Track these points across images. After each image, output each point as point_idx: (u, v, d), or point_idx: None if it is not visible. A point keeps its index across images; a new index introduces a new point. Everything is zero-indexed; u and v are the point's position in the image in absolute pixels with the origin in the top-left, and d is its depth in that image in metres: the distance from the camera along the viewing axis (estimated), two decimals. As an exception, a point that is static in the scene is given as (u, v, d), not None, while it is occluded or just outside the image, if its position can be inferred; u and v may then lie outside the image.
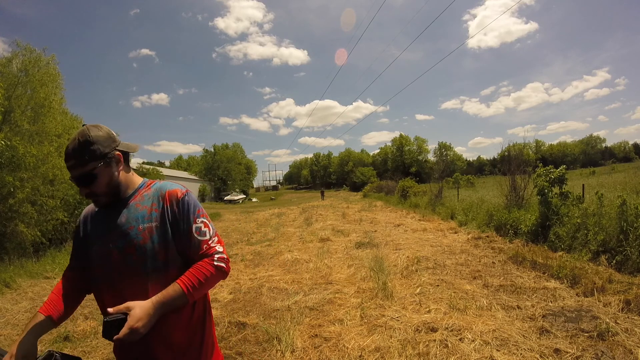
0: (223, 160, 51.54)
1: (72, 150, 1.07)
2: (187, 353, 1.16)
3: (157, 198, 1.16)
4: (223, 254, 1.17)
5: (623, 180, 12.62)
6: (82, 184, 1.09)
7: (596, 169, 40.89)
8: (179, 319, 1.14)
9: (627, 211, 5.02)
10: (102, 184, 1.11)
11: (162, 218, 1.13)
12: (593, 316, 3.27)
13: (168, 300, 1.05)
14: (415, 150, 66.40)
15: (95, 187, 1.10)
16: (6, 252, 7.11)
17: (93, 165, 1.08)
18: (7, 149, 6.69)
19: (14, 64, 8.49)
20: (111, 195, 1.14)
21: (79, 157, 1.07)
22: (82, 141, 1.07)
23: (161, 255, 1.11)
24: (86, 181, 1.09)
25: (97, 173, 1.09)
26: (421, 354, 2.79)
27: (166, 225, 1.12)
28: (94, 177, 1.09)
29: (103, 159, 1.10)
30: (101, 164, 1.09)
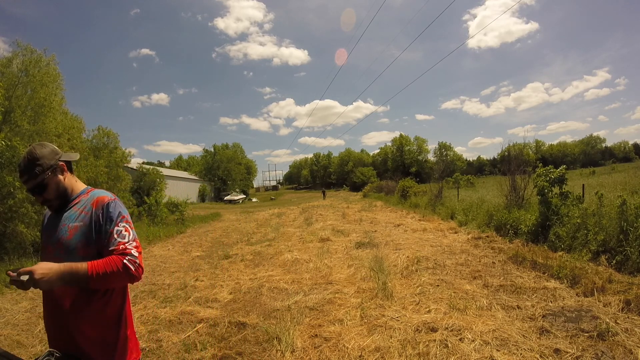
0: (223, 160, 51.52)
1: (24, 167, 1.29)
2: (103, 346, 1.28)
3: (89, 202, 1.33)
4: (136, 258, 1.26)
5: (623, 180, 12.63)
6: (36, 194, 1.31)
7: (596, 169, 40.89)
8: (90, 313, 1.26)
9: (627, 211, 5.02)
10: (52, 190, 1.33)
11: (89, 220, 1.29)
12: (593, 316, 3.27)
13: (71, 271, 1.16)
14: (415, 150, 66.40)
15: (47, 194, 1.32)
16: (6, 252, 7.11)
17: (42, 177, 1.29)
18: (7, 149, 6.70)
19: (15, 64, 8.51)
20: (61, 199, 1.35)
21: (30, 172, 1.28)
22: (31, 159, 1.29)
23: (80, 252, 1.25)
24: (39, 191, 1.31)
25: (47, 182, 1.31)
26: (421, 354, 2.79)
27: (91, 226, 1.28)
28: (45, 186, 1.31)
29: (50, 169, 1.32)
30: (49, 174, 1.31)
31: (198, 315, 3.94)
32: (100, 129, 12.60)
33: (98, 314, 1.27)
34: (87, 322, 1.25)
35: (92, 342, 1.26)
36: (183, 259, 7.47)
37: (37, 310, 4.37)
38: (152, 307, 4.30)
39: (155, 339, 3.39)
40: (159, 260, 7.40)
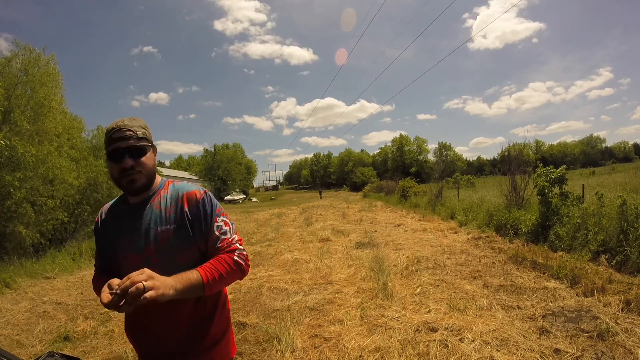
0: (223, 160, 51.53)
1: (130, 123, 1.11)
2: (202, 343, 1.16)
3: (175, 200, 1.15)
4: (244, 251, 1.18)
5: (623, 180, 12.62)
6: (132, 155, 1.09)
7: (596, 169, 40.88)
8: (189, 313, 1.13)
9: (627, 211, 5.02)
10: (148, 163, 1.13)
11: (181, 220, 1.12)
12: (593, 316, 3.27)
13: (188, 284, 1.02)
14: (415, 150, 66.41)
15: (141, 161, 1.11)
16: (6, 252, 7.11)
17: (145, 143, 1.12)
18: (7, 148, 6.69)
19: (14, 64, 8.49)
20: (148, 179, 1.14)
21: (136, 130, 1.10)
22: (139, 121, 1.13)
23: (178, 258, 1.10)
24: (137, 153, 1.10)
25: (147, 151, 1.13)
26: (421, 354, 2.79)
27: (186, 227, 1.12)
28: (145, 152, 1.12)
29: (151, 144, 1.16)
30: (150, 147, 1.15)
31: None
32: (100, 129, 12.57)
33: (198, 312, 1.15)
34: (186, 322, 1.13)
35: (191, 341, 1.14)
36: (183, 259, 7.46)
37: (37, 310, 4.37)
38: (152, 307, 4.30)
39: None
40: (159, 260, 7.39)
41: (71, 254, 7.51)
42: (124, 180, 1.10)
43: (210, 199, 1.18)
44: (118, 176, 1.10)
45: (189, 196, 1.15)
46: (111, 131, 1.09)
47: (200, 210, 1.14)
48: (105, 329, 3.70)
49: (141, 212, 1.14)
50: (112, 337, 3.50)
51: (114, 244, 1.15)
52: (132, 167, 1.08)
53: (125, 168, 1.08)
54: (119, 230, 1.15)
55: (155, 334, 1.13)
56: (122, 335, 3.50)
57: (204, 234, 1.13)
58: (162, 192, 1.18)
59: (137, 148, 1.10)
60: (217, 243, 1.14)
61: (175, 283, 0.98)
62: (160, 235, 1.10)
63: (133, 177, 1.10)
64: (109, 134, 1.10)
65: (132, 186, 1.11)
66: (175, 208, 1.14)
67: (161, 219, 1.12)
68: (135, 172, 1.10)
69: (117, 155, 1.09)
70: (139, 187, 1.12)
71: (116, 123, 1.10)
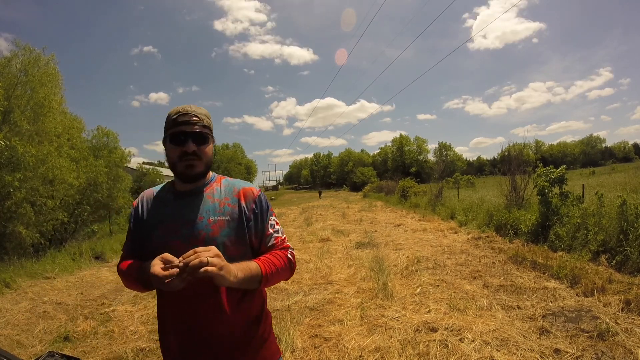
0: (223, 161, 51.53)
1: (196, 109, 1.11)
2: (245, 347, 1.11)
3: (231, 194, 1.14)
4: (293, 250, 1.18)
5: (623, 180, 12.63)
6: (195, 140, 1.08)
7: (596, 169, 40.89)
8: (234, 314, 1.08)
9: (627, 211, 5.02)
10: (209, 151, 1.12)
11: (238, 214, 1.11)
12: (593, 316, 3.27)
13: (246, 277, 0.99)
14: (415, 150, 66.39)
15: (203, 148, 1.10)
16: (6, 252, 7.11)
17: (208, 131, 1.12)
18: (7, 148, 6.69)
19: (14, 64, 8.49)
20: (206, 168, 1.13)
21: (203, 117, 1.10)
22: (204, 110, 1.14)
23: (228, 250, 1.05)
24: (200, 140, 1.09)
25: (209, 140, 1.12)
26: (421, 354, 2.79)
27: (242, 221, 1.10)
28: (208, 139, 1.11)
29: (212, 135, 1.15)
30: (211, 137, 1.14)
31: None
32: (100, 129, 12.58)
33: (243, 314, 1.10)
34: (231, 324, 1.08)
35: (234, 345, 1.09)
36: (183, 259, 7.46)
37: (37, 310, 4.37)
38: (152, 307, 4.30)
39: (155, 339, 3.38)
40: (159, 260, 7.39)
41: (71, 254, 7.51)
42: (182, 164, 1.09)
43: (265, 197, 1.18)
44: (177, 159, 1.09)
45: (245, 191, 1.15)
46: (176, 114, 1.09)
47: (257, 206, 1.14)
48: (105, 329, 3.70)
49: (191, 200, 1.12)
50: (112, 337, 3.50)
51: (154, 229, 1.11)
52: (193, 152, 1.07)
53: (187, 152, 1.07)
54: (163, 216, 1.12)
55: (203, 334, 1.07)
56: (122, 335, 3.50)
57: (259, 230, 1.13)
58: (215, 184, 1.17)
59: (201, 135, 1.09)
60: (270, 240, 1.14)
61: (237, 271, 0.97)
62: (212, 226, 1.07)
63: (192, 163, 1.09)
64: (173, 117, 1.09)
65: (189, 171, 1.09)
66: (231, 201, 1.12)
67: (214, 209, 1.10)
68: (195, 157, 1.08)
69: (180, 138, 1.08)
70: (196, 173, 1.10)
71: (182, 107, 1.10)
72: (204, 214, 1.09)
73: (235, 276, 0.95)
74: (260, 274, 1.03)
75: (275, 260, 1.09)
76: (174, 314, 1.10)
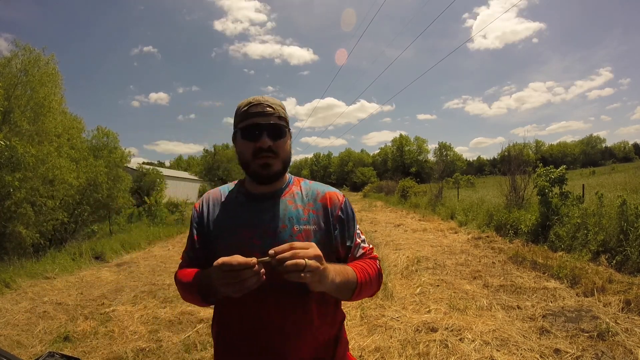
0: (223, 161, 51.45)
1: (271, 100, 0.98)
2: None
3: (314, 199, 1.01)
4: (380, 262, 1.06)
5: (623, 180, 12.63)
6: (270, 134, 0.93)
7: (596, 169, 40.91)
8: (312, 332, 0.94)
9: (627, 211, 5.02)
10: (286, 147, 0.98)
11: (325, 222, 0.98)
12: (593, 316, 3.27)
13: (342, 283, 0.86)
14: (415, 150, 66.44)
15: (280, 144, 0.95)
16: (6, 252, 7.11)
17: (284, 124, 0.98)
18: (7, 148, 6.69)
19: (14, 64, 8.48)
20: (282, 167, 0.98)
21: (278, 108, 0.97)
22: (280, 102, 1.00)
23: None
24: (277, 133, 0.95)
25: (286, 134, 0.98)
26: (421, 354, 2.79)
27: (329, 230, 0.97)
28: (285, 133, 0.97)
29: (289, 128, 1.01)
30: (288, 131, 1.00)
31: (198, 316, 3.94)
32: (100, 129, 12.57)
33: (320, 333, 0.96)
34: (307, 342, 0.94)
35: None
36: (183, 259, 7.47)
37: (37, 310, 4.36)
38: (152, 307, 4.30)
39: (155, 339, 3.39)
40: (159, 260, 7.40)
41: (71, 254, 7.51)
42: (257, 162, 0.94)
43: (349, 203, 1.06)
44: (250, 157, 0.95)
45: (331, 196, 1.02)
46: (247, 105, 0.96)
47: (343, 213, 1.01)
48: (105, 329, 3.70)
49: (269, 205, 0.98)
50: (112, 337, 3.50)
51: (224, 237, 0.97)
52: (269, 147, 0.93)
53: (262, 148, 0.92)
54: (235, 222, 0.97)
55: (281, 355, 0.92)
56: (122, 335, 3.50)
57: (346, 240, 1.00)
58: (294, 188, 1.03)
59: (277, 128, 0.94)
60: (358, 251, 1.02)
61: (335, 275, 0.83)
62: (297, 236, 0.93)
63: (268, 161, 0.94)
64: (244, 108, 0.96)
65: (265, 171, 0.95)
66: (315, 207, 0.99)
67: (298, 217, 0.96)
68: (271, 154, 0.94)
69: (253, 132, 0.93)
70: (273, 173, 0.95)
71: (254, 98, 0.97)
72: (287, 222, 0.95)
73: (332, 281, 0.81)
74: (355, 281, 0.89)
75: (368, 269, 0.96)
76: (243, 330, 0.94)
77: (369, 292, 0.97)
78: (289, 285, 0.80)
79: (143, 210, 14.26)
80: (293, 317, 0.92)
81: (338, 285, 0.84)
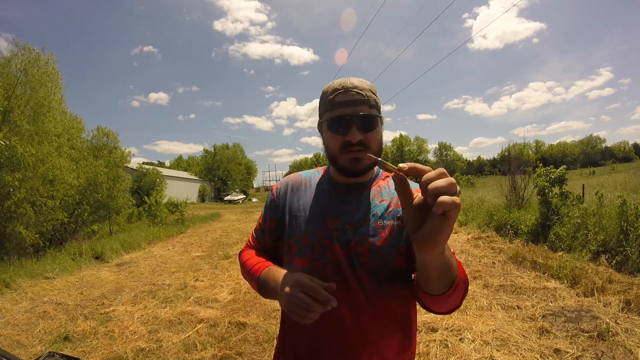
0: (223, 161, 51.53)
1: (360, 85, 0.86)
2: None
3: None
4: None
5: (623, 180, 12.62)
6: (361, 126, 0.84)
7: (596, 169, 40.86)
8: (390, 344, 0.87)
9: (627, 211, 5.02)
10: (378, 138, 0.87)
11: None
12: (593, 316, 3.27)
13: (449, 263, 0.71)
14: (416, 150, 66.39)
15: (371, 136, 0.85)
16: (6, 252, 7.11)
17: (376, 112, 0.87)
18: (7, 148, 6.69)
19: (13, 64, 8.49)
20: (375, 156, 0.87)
21: (368, 94, 0.86)
22: (370, 85, 0.88)
23: (400, 262, 0.85)
24: (368, 124, 0.85)
25: (378, 123, 0.87)
26: (421, 354, 2.79)
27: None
28: (376, 124, 0.86)
29: (380, 114, 0.89)
30: (380, 118, 0.88)
31: (198, 316, 3.94)
32: (100, 129, 12.58)
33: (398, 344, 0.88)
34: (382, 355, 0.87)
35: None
36: (183, 259, 7.47)
37: (37, 310, 4.36)
38: (152, 307, 4.30)
39: (155, 339, 3.39)
40: (159, 261, 7.40)
41: (71, 254, 7.50)
42: (345, 157, 0.86)
43: None
44: (338, 151, 0.86)
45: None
46: (334, 92, 0.86)
47: None
48: (105, 329, 3.70)
49: (354, 196, 0.91)
50: (112, 337, 3.50)
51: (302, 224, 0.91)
52: (359, 142, 0.84)
53: (351, 142, 0.84)
54: (317, 210, 0.92)
55: None
56: (122, 335, 3.50)
57: None
58: (382, 181, 0.95)
59: (368, 118, 0.84)
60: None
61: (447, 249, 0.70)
62: (380, 232, 0.86)
63: (357, 155, 0.85)
64: (330, 96, 0.86)
65: (354, 166, 0.86)
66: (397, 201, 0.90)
67: (382, 211, 0.88)
68: (362, 148, 0.85)
69: (341, 124, 0.84)
70: (363, 167, 0.87)
71: (341, 82, 0.86)
72: (371, 216, 0.88)
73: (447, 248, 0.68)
74: (456, 274, 0.74)
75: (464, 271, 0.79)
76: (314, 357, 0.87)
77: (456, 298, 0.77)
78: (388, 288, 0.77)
79: (143, 210, 14.26)
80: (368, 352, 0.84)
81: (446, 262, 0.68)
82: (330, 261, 0.86)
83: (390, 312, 0.86)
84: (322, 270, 0.85)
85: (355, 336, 0.84)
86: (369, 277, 0.83)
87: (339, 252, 0.85)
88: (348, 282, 0.84)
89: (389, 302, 0.85)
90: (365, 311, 0.84)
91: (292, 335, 0.93)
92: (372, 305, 0.84)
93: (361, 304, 0.84)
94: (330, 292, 0.72)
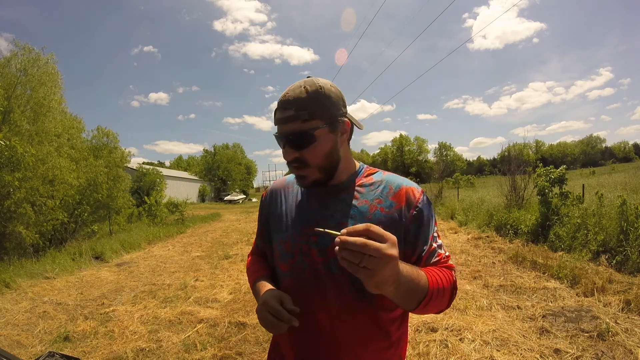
0: (223, 161, 51.55)
1: (294, 98, 0.80)
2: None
3: (386, 194, 0.86)
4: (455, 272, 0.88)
5: (623, 180, 12.62)
6: (292, 145, 0.82)
7: (596, 169, 40.87)
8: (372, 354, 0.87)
9: (627, 211, 5.02)
10: (319, 152, 0.82)
11: (395, 222, 0.82)
12: (593, 316, 3.27)
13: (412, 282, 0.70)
14: (416, 150, 66.48)
15: (308, 153, 0.82)
16: (6, 252, 7.11)
17: (315, 125, 0.80)
18: (6, 148, 6.69)
19: (13, 64, 8.49)
20: (324, 173, 0.85)
21: (302, 109, 0.80)
22: (312, 92, 0.81)
23: None
24: (300, 143, 0.81)
25: (317, 136, 0.81)
26: (421, 354, 2.79)
27: (399, 230, 0.81)
28: (311, 139, 0.81)
29: (329, 121, 0.82)
30: (325, 127, 0.82)
31: (198, 316, 3.94)
32: (100, 129, 12.58)
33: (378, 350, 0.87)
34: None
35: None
36: (183, 259, 7.47)
37: (37, 310, 4.36)
38: (152, 307, 4.30)
39: (155, 339, 3.39)
40: (159, 261, 7.40)
41: (71, 254, 7.50)
42: (293, 172, 0.87)
43: (429, 200, 0.89)
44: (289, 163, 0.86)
45: (407, 192, 0.85)
46: (276, 107, 0.84)
47: (421, 212, 0.84)
48: (105, 329, 3.70)
49: (333, 200, 0.87)
50: (112, 337, 3.50)
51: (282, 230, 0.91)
52: (295, 159, 0.83)
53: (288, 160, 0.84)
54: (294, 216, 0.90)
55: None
56: (122, 335, 3.50)
57: (420, 244, 0.84)
58: (363, 180, 0.90)
59: (298, 136, 0.80)
60: (433, 257, 0.84)
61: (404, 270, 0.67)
62: None
63: (300, 173, 0.84)
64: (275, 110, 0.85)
65: (301, 182, 0.87)
66: (385, 204, 0.85)
67: (362, 214, 0.84)
68: (300, 166, 0.83)
69: (279, 143, 0.85)
70: (309, 184, 0.85)
71: (282, 96, 0.83)
72: (349, 220, 0.84)
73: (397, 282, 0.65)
74: (427, 287, 0.73)
75: (442, 278, 0.78)
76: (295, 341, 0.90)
77: (438, 305, 0.79)
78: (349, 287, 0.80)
79: (143, 210, 14.26)
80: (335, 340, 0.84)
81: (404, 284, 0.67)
82: (309, 267, 0.85)
83: (373, 319, 0.85)
84: (302, 275, 0.86)
85: (331, 342, 0.84)
86: (349, 283, 0.81)
87: (317, 258, 0.84)
88: (326, 288, 0.83)
89: (370, 309, 0.84)
90: (342, 318, 0.83)
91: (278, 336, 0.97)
92: (351, 312, 0.83)
93: (338, 310, 0.83)
94: (293, 314, 0.77)
